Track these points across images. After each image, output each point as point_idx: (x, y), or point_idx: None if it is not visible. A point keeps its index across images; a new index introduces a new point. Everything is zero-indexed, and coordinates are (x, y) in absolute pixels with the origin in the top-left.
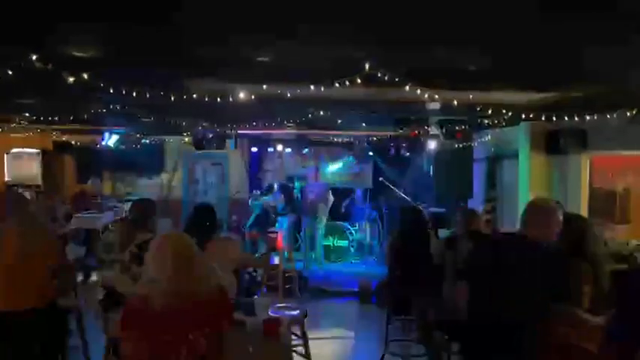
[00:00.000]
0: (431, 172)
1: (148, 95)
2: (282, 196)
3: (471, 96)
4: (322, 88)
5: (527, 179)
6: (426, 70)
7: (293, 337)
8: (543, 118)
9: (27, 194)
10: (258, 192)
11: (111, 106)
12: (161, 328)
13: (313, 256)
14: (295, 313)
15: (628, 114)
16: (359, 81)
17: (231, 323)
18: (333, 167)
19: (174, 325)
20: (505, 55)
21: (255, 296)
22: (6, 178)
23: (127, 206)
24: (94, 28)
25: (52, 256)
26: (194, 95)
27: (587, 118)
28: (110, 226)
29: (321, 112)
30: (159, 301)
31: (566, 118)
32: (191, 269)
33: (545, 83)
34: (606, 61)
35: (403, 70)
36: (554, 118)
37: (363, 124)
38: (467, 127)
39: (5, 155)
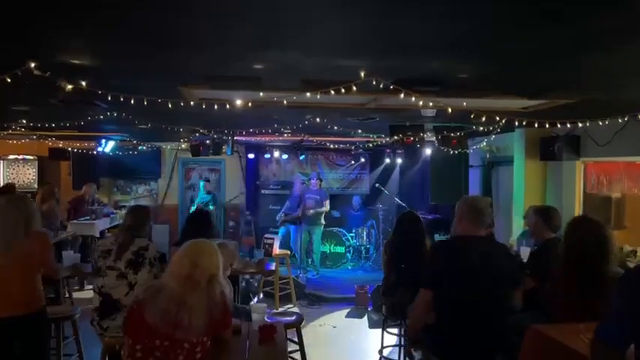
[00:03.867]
0: (427, 179)
1: (145, 102)
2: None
3: (464, 103)
4: (318, 96)
5: (522, 185)
6: (420, 78)
7: (289, 343)
8: (537, 125)
9: None
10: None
11: (108, 113)
12: (158, 337)
13: (310, 262)
14: (291, 318)
15: (620, 120)
16: (354, 88)
17: (229, 332)
18: (330, 173)
19: (172, 336)
20: (497, 63)
21: (252, 302)
22: (1, 185)
23: (122, 212)
24: (91, 37)
25: (39, 263)
26: (191, 103)
27: (580, 124)
28: (107, 232)
29: (317, 119)
30: (156, 318)
31: (559, 125)
32: (198, 297)
33: (538, 90)
34: (598, 68)
35: (397, 78)
36: (547, 125)
37: (359, 131)
38: (462, 133)
39: (1, 161)
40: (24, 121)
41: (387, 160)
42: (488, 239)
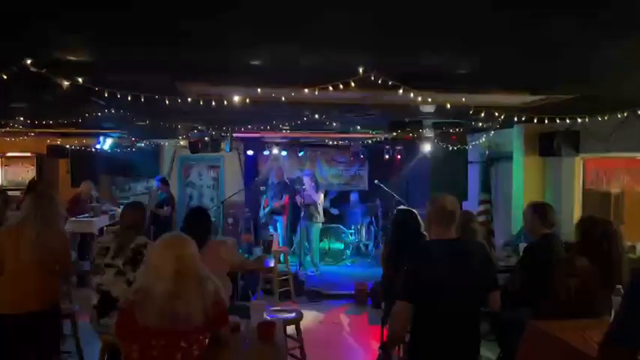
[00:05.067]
0: (426, 175)
1: (142, 99)
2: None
3: (463, 99)
4: (316, 92)
5: (521, 181)
6: (419, 74)
7: (289, 340)
8: (536, 121)
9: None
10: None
11: (106, 110)
12: (154, 336)
13: (309, 258)
14: (291, 315)
15: (619, 116)
16: (353, 84)
17: (226, 329)
18: (330, 170)
19: (168, 335)
20: (496, 59)
21: (251, 299)
22: (0, 183)
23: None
24: (88, 34)
25: (64, 259)
26: (189, 99)
27: (579, 120)
28: (105, 229)
29: (316, 116)
30: (153, 319)
31: (558, 121)
32: (190, 287)
33: (537, 86)
34: (597, 63)
35: (396, 73)
36: (546, 121)
37: (358, 127)
38: (461, 129)
39: None
40: (21, 119)
41: (387, 157)
42: (462, 242)
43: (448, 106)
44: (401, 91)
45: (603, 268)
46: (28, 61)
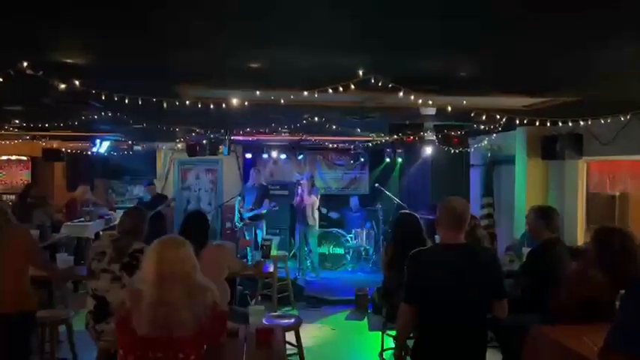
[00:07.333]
0: (427, 178)
1: (139, 102)
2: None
3: (464, 101)
4: (316, 94)
5: (523, 184)
6: (419, 76)
7: (288, 345)
8: (538, 124)
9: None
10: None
11: (102, 113)
12: (151, 348)
13: (308, 263)
14: (290, 321)
15: (622, 118)
16: (352, 87)
17: (224, 337)
18: (329, 173)
19: (164, 345)
20: (496, 61)
21: (250, 305)
22: None
23: (118, 214)
24: (85, 36)
25: (34, 258)
26: (186, 102)
27: (582, 123)
28: (102, 234)
29: (316, 118)
30: (144, 327)
31: (560, 124)
32: (176, 294)
33: (539, 88)
34: (600, 65)
35: (396, 76)
36: (548, 124)
37: (358, 130)
38: (463, 132)
39: None
40: (17, 121)
41: (387, 160)
42: (470, 247)
43: (449, 108)
44: (401, 93)
45: (618, 280)
46: (25, 64)
